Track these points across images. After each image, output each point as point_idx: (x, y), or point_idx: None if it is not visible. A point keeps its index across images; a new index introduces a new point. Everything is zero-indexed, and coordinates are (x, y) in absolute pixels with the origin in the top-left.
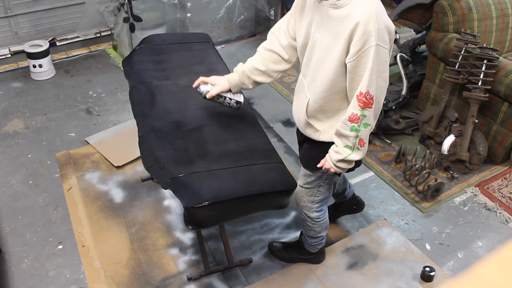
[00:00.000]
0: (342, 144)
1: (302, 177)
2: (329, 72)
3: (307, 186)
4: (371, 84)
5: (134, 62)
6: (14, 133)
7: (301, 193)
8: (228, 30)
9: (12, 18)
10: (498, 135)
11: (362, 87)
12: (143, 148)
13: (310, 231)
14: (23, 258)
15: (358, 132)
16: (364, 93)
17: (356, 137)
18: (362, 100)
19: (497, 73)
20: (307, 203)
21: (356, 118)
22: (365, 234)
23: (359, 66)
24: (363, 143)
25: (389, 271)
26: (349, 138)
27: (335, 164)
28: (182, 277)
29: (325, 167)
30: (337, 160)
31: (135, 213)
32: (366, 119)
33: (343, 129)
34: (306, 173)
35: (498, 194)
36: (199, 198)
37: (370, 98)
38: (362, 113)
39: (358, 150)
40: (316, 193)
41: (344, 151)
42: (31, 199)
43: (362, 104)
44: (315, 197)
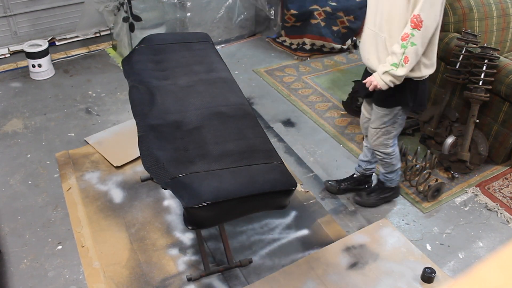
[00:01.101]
0: (390, 61)
1: (378, 120)
2: (398, 8)
3: (384, 126)
4: (423, 9)
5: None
6: (13, 133)
7: (377, 134)
8: (228, 29)
9: (11, 18)
10: (499, 135)
11: (416, 10)
12: (142, 148)
13: (389, 166)
14: (22, 259)
15: (405, 49)
16: (416, 15)
17: (402, 54)
18: (414, 21)
19: (498, 72)
20: (383, 141)
21: (406, 36)
22: (366, 233)
23: None
24: (407, 60)
25: (389, 272)
26: (397, 55)
27: (380, 77)
28: (182, 277)
29: (369, 79)
30: (383, 71)
31: (134, 213)
32: (413, 38)
33: (395, 47)
34: (383, 114)
35: (499, 194)
36: (199, 198)
37: (419, 21)
38: (412, 32)
39: (402, 66)
40: (391, 129)
41: (390, 66)
42: (30, 199)
43: (413, 24)
44: (390, 134)
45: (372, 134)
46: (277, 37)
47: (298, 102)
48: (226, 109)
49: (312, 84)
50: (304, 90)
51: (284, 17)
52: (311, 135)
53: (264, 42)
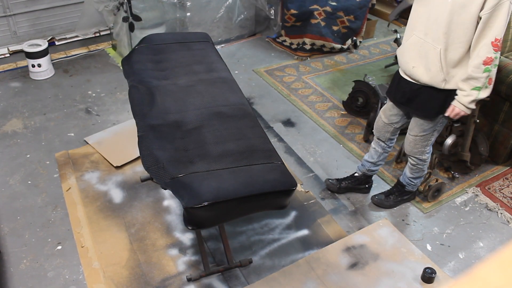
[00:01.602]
0: (469, 87)
1: (418, 127)
2: (464, 25)
3: (423, 134)
4: (501, 32)
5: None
6: (13, 133)
7: (415, 141)
8: (228, 29)
9: (11, 18)
10: (499, 135)
11: (497, 34)
12: (142, 148)
13: (419, 172)
14: (22, 259)
15: (490, 72)
16: (499, 39)
17: (487, 77)
18: (496, 45)
19: (498, 72)
20: (420, 148)
21: (491, 60)
22: (366, 233)
23: (492, 18)
24: (492, 81)
25: (389, 272)
26: (480, 79)
27: (467, 107)
28: (181, 277)
29: (455, 112)
30: (469, 101)
31: (134, 214)
32: (496, 60)
33: (475, 73)
34: (424, 122)
35: (500, 195)
36: (198, 198)
37: (499, 42)
38: (496, 55)
39: (486, 88)
40: (430, 137)
41: (473, 92)
42: (30, 199)
43: (496, 48)
44: (428, 141)
45: (410, 141)
46: (277, 37)
47: (298, 102)
48: (226, 109)
49: (312, 84)
50: (304, 90)
51: (284, 17)
52: (311, 135)
53: (264, 42)
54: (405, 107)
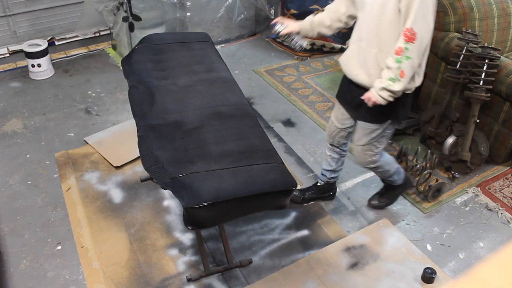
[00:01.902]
0: (387, 76)
1: (365, 136)
2: (388, 22)
3: (372, 141)
4: (415, 21)
5: (134, 61)
6: (13, 133)
7: (364, 151)
8: (228, 29)
9: (11, 17)
10: (499, 135)
11: (408, 23)
12: (142, 148)
13: (385, 172)
14: (21, 259)
15: (400, 64)
16: (409, 28)
17: (398, 68)
18: (407, 35)
19: (498, 72)
20: (370, 158)
21: (400, 50)
22: (366, 233)
23: (410, 9)
24: (404, 74)
25: (389, 272)
26: (393, 70)
27: (378, 93)
28: (181, 278)
29: (367, 95)
30: (380, 88)
31: (134, 214)
32: (408, 52)
33: (390, 62)
34: (372, 129)
35: (500, 195)
36: (198, 198)
37: (413, 34)
38: (405, 46)
39: (399, 81)
40: (378, 144)
41: (387, 81)
42: (29, 199)
43: (406, 38)
44: (377, 149)
45: (358, 151)
46: (277, 37)
47: (298, 102)
48: (226, 109)
49: (312, 84)
50: (304, 90)
51: (284, 16)
52: (311, 135)
53: (264, 42)
54: (354, 111)
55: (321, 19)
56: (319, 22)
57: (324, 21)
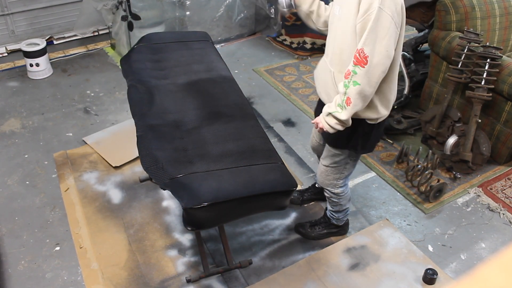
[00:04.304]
0: (336, 103)
1: (329, 157)
2: (348, 40)
3: (334, 165)
4: (367, 43)
5: (133, 61)
6: (11, 133)
7: (327, 172)
8: (228, 28)
9: (9, 16)
10: (501, 135)
11: (359, 44)
12: (141, 148)
13: (336, 206)
14: (19, 260)
15: (347, 89)
16: (359, 49)
17: (344, 94)
18: (356, 57)
19: (500, 72)
20: (332, 180)
21: (348, 74)
22: (367, 234)
23: (362, 28)
24: (350, 102)
25: (390, 273)
26: (341, 95)
27: (324, 119)
28: (181, 279)
29: (316, 120)
30: (326, 113)
31: (133, 214)
32: (356, 76)
33: (340, 86)
34: (335, 153)
35: (502, 195)
36: (198, 199)
37: (363, 57)
38: (354, 69)
39: (345, 109)
40: (342, 170)
41: (335, 107)
42: (28, 199)
43: (355, 60)
44: (341, 174)
45: (321, 171)
46: (277, 36)
47: (299, 101)
48: (225, 108)
49: (312, 84)
50: (304, 89)
51: (285, 15)
52: None
53: (264, 41)
54: None
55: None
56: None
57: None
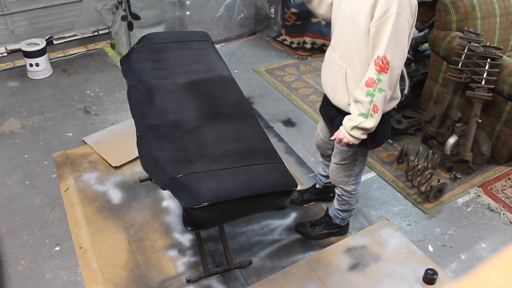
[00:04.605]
0: (357, 112)
1: (338, 154)
2: (357, 39)
3: (344, 162)
4: (388, 49)
5: (132, 61)
6: (11, 133)
7: (338, 169)
8: (228, 28)
9: (9, 16)
10: (501, 135)
11: (380, 51)
12: (141, 148)
13: (346, 205)
14: (19, 260)
15: (372, 97)
16: (382, 57)
17: (370, 103)
18: (379, 64)
19: (500, 72)
20: (344, 178)
21: (372, 82)
22: (367, 234)
23: (380, 33)
24: (377, 109)
25: (391, 273)
26: (364, 104)
27: (349, 133)
28: (181, 279)
29: (338, 137)
30: (351, 127)
31: (133, 214)
32: (381, 83)
33: (360, 94)
34: (342, 150)
35: (502, 195)
36: (198, 199)
37: (386, 63)
38: (378, 77)
39: (372, 117)
40: (352, 167)
41: (358, 118)
42: (27, 200)
43: (378, 68)
44: (351, 171)
45: (332, 169)
46: (277, 36)
47: (299, 101)
48: (225, 108)
49: (312, 84)
50: (304, 89)
51: (285, 15)
52: (312, 135)
53: (264, 41)
54: (329, 126)
55: None
56: None
57: None
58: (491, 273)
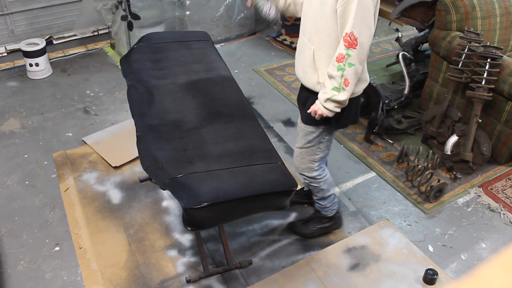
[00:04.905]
0: (330, 86)
1: (303, 138)
2: (326, 20)
3: (308, 145)
4: (355, 26)
5: (132, 60)
6: (10, 133)
7: (302, 154)
8: (228, 28)
9: (8, 16)
10: (502, 135)
11: (348, 28)
12: (141, 148)
13: (319, 192)
14: (19, 260)
15: (343, 72)
16: (349, 33)
17: (341, 77)
18: (347, 40)
19: (501, 72)
20: (307, 163)
21: (342, 57)
22: (367, 234)
23: (347, 12)
24: (348, 82)
25: (391, 273)
26: (336, 78)
27: (323, 105)
28: (180, 279)
29: (313, 109)
30: (325, 99)
31: (133, 214)
32: (350, 58)
33: (331, 70)
34: (308, 131)
35: (502, 195)
36: (198, 199)
37: (354, 39)
38: (347, 52)
39: (344, 90)
40: (316, 151)
41: (331, 92)
42: (27, 200)
43: (347, 44)
44: (315, 156)
45: (296, 155)
46: (277, 36)
47: None
48: (225, 108)
49: None
50: None
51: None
52: None
53: (264, 41)
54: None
55: None
56: None
57: None
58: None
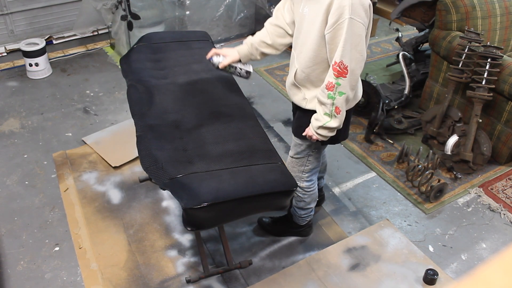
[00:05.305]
0: (322, 112)
1: (293, 147)
2: (312, 43)
3: (298, 156)
4: (344, 55)
5: (132, 60)
6: (10, 133)
7: (292, 163)
8: (228, 28)
9: (8, 16)
10: (502, 135)
11: (337, 57)
12: (141, 148)
13: (301, 202)
14: (19, 260)
15: (334, 100)
16: (338, 62)
17: (332, 105)
18: (337, 69)
19: (501, 72)
20: (297, 173)
21: (331, 86)
22: (367, 234)
23: (336, 38)
24: (339, 110)
25: (391, 274)
26: (327, 106)
27: (316, 131)
28: (180, 279)
29: (308, 134)
30: (317, 126)
31: (133, 215)
32: (340, 87)
33: (322, 96)
34: (297, 143)
35: (503, 195)
36: (198, 199)
37: (344, 68)
38: (337, 81)
39: (335, 117)
40: (306, 162)
41: (324, 118)
42: (27, 200)
43: (336, 73)
44: (305, 167)
45: (288, 162)
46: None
47: None
48: (225, 108)
49: None
50: None
51: None
52: None
53: None
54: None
55: (261, 38)
56: (260, 42)
57: (265, 39)
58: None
